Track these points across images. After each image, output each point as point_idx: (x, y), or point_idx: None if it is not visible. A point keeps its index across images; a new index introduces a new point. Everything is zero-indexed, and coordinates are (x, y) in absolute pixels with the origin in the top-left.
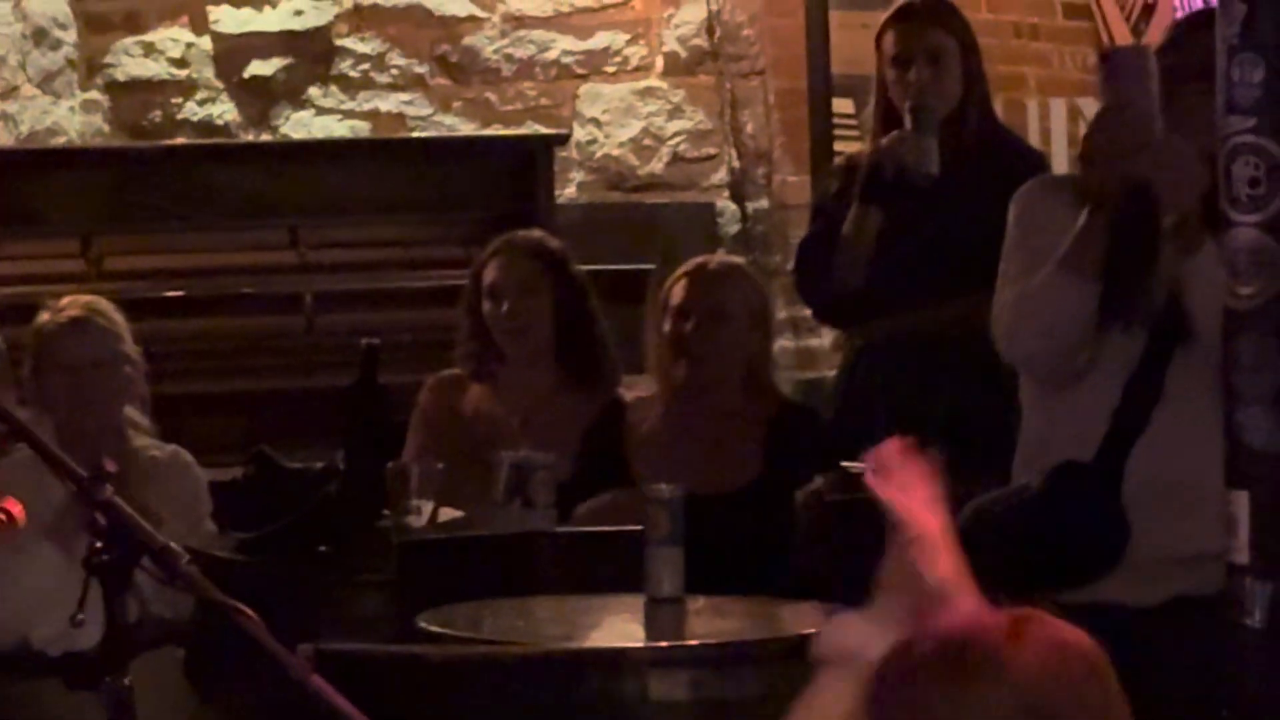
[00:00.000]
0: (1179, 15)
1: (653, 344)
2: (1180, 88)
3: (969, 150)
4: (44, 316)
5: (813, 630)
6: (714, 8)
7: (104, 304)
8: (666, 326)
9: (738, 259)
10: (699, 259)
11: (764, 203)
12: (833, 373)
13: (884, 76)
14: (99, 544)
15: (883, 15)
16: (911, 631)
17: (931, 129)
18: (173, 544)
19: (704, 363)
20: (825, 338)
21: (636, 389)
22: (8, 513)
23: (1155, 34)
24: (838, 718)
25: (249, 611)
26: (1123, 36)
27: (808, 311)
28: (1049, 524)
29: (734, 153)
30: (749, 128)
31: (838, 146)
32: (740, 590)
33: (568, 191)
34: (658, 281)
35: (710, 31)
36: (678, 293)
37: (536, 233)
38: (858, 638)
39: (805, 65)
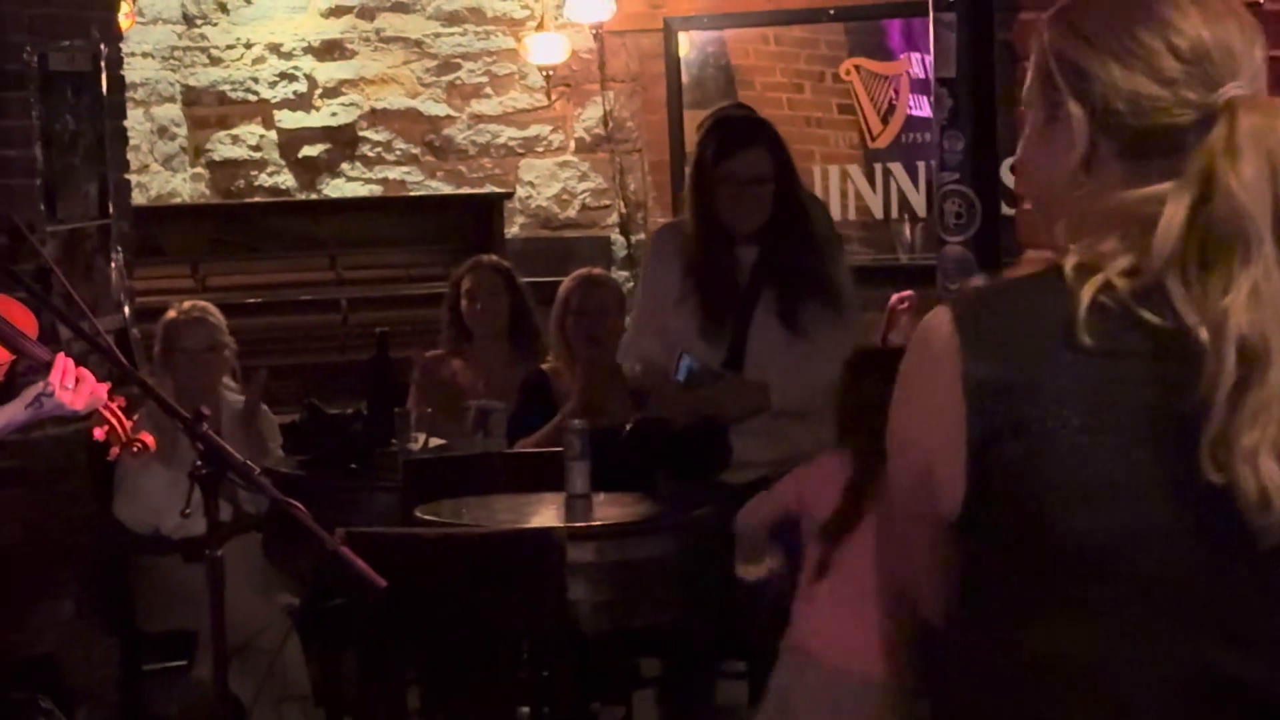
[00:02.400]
0: (910, 113)
1: (556, 328)
2: None
3: None
4: (171, 314)
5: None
6: (608, 108)
7: (211, 307)
8: (569, 321)
9: (604, 271)
10: (582, 271)
11: (642, 236)
12: None
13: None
14: (199, 462)
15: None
16: None
17: None
18: (248, 461)
19: (597, 343)
20: None
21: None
22: (143, 443)
23: (896, 126)
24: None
25: (302, 506)
26: (876, 126)
27: None
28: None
29: (622, 204)
30: (631, 187)
31: None
32: (630, 489)
33: (513, 230)
34: None
35: (606, 124)
36: (575, 298)
37: (495, 256)
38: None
39: (668, 146)
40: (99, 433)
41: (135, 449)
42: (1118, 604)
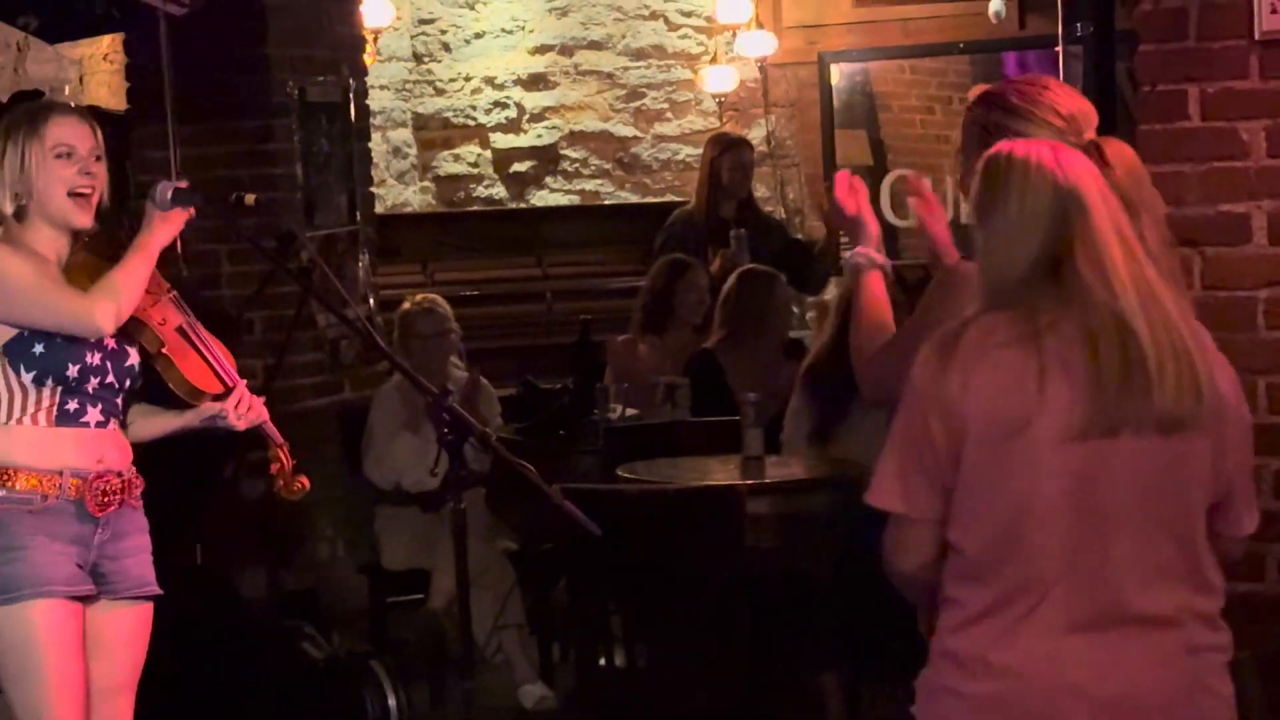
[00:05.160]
0: None
1: (737, 318)
2: None
3: None
4: (407, 305)
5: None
6: (770, 129)
7: (440, 299)
8: (735, 311)
9: (766, 268)
10: (748, 267)
11: (799, 237)
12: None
13: (718, 170)
14: (445, 430)
15: (864, 133)
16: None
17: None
18: (486, 429)
19: (763, 329)
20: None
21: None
22: (301, 485)
23: None
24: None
25: (529, 466)
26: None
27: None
28: None
29: (782, 210)
30: (790, 196)
31: None
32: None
33: None
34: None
35: (769, 142)
36: (739, 291)
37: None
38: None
39: (821, 160)
40: (274, 468)
41: (295, 488)
42: None
